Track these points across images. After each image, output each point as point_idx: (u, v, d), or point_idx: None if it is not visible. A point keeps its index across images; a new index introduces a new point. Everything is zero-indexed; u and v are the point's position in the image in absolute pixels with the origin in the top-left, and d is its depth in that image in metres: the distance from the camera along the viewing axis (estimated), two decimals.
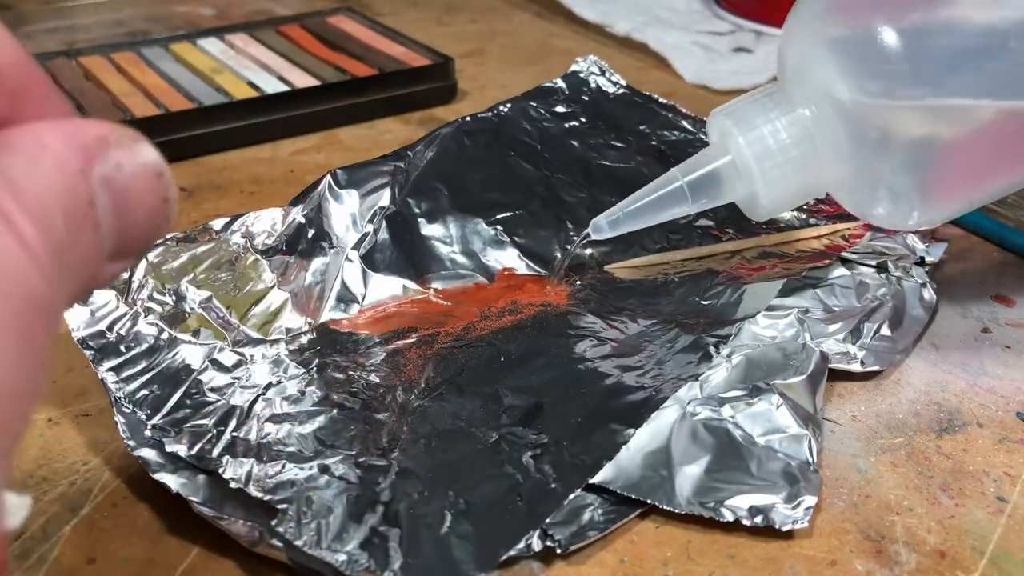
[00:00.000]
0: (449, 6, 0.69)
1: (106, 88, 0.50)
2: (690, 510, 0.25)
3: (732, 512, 0.25)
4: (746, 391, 0.28)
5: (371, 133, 0.49)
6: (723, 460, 0.26)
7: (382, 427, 0.28)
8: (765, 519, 0.25)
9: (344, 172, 0.36)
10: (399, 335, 0.32)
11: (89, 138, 0.15)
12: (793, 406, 0.28)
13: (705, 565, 0.25)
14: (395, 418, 0.28)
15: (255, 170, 0.45)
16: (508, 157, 0.39)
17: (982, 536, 0.26)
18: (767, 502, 0.25)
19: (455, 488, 0.25)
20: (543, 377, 0.30)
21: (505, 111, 0.41)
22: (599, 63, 0.45)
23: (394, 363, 0.31)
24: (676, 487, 0.26)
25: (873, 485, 0.27)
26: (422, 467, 0.26)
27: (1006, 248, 0.39)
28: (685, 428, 0.27)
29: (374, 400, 0.29)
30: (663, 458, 0.26)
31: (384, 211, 0.36)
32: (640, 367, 0.30)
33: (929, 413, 0.30)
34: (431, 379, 0.30)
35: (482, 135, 0.40)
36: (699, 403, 0.28)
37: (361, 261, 0.34)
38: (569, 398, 0.29)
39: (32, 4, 0.67)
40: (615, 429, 0.27)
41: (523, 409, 0.28)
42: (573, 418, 0.28)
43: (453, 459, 0.27)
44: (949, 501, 0.27)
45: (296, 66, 0.53)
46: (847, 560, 0.25)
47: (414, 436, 0.27)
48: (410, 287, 0.34)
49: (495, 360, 0.30)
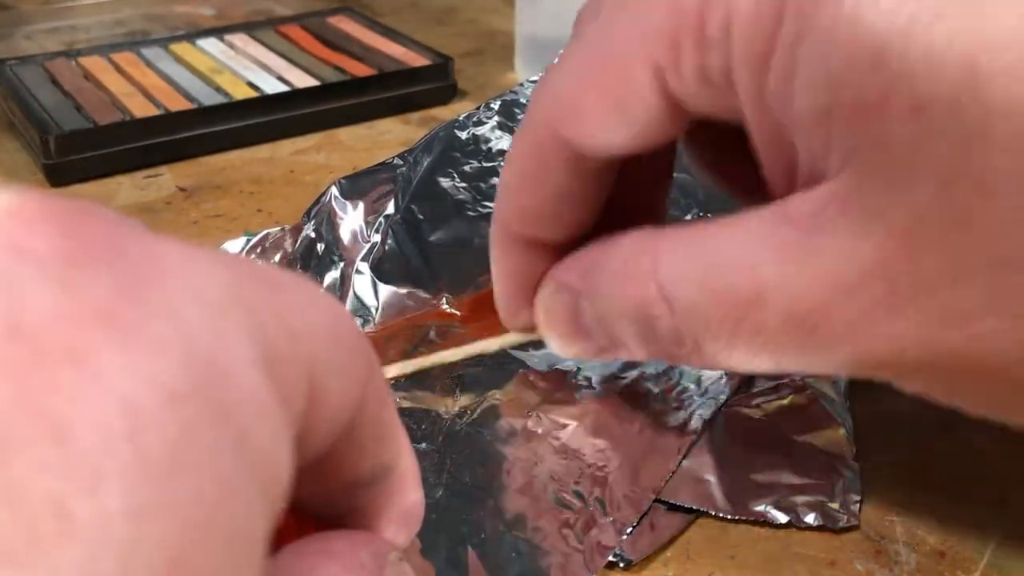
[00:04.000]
0: (449, 6, 0.69)
1: (106, 88, 0.50)
2: (741, 516, 0.25)
3: (784, 514, 0.25)
4: (776, 389, 0.28)
5: (371, 133, 0.49)
6: (762, 460, 0.26)
7: (423, 458, 0.27)
8: (817, 518, 0.25)
9: (348, 182, 0.36)
10: (420, 351, 0.31)
11: (382, 555, 0.15)
12: (824, 401, 0.28)
13: (705, 565, 0.25)
14: (435, 447, 0.27)
15: (255, 170, 0.45)
16: (503, 155, 0.39)
17: (982, 536, 0.25)
18: (815, 500, 0.25)
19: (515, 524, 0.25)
20: (576, 398, 0.29)
21: (496, 108, 0.41)
22: None
23: (421, 384, 0.30)
24: (723, 492, 0.26)
25: (873, 485, 0.27)
26: (473, 502, 0.25)
27: None
28: (721, 430, 0.27)
29: (411, 426, 0.28)
30: (706, 464, 0.27)
31: (390, 220, 0.35)
32: (671, 384, 0.29)
33: (929, 413, 0.30)
34: (462, 400, 0.29)
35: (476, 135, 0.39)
36: (731, 403, 0.28)
37: (371, 272, 0.34)
38: (610, 421, 0.28)
39: (32, 4, 0.67)
40: (661, 451, 0.27)
41: (562, 433, 0.28)
42: (618, 444, 0.27)
43: (500, 486, 0.26)
44: (949, 501, 0.27)
45: (296, 66, 0.53)
46: (847, 560, 0.25)
47: (458, 468, 0.27)
48: (423, 297, 0.34)
49: (523, 377, 0.30)
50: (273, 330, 0.12)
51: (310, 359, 0.12)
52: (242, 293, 0.11)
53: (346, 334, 0.13)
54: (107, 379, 0.09)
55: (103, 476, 0.09)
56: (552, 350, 0.25)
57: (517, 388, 0.29)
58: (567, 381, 0.30)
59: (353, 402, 0.13)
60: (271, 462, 0.11)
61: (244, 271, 0.12)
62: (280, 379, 0.11)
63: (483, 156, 0.38)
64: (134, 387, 0.09)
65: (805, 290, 0.18)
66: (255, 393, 0.11)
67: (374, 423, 0.14)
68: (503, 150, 0.39)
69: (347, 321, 0.14)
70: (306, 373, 0.12)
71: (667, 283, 0.20)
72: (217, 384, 0.10)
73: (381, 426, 0.15)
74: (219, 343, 0.11)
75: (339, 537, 0.15)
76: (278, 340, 0.12)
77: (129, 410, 0.09)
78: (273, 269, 0.13)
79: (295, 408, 0.12)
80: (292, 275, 0.13)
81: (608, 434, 0.28)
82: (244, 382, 0.11)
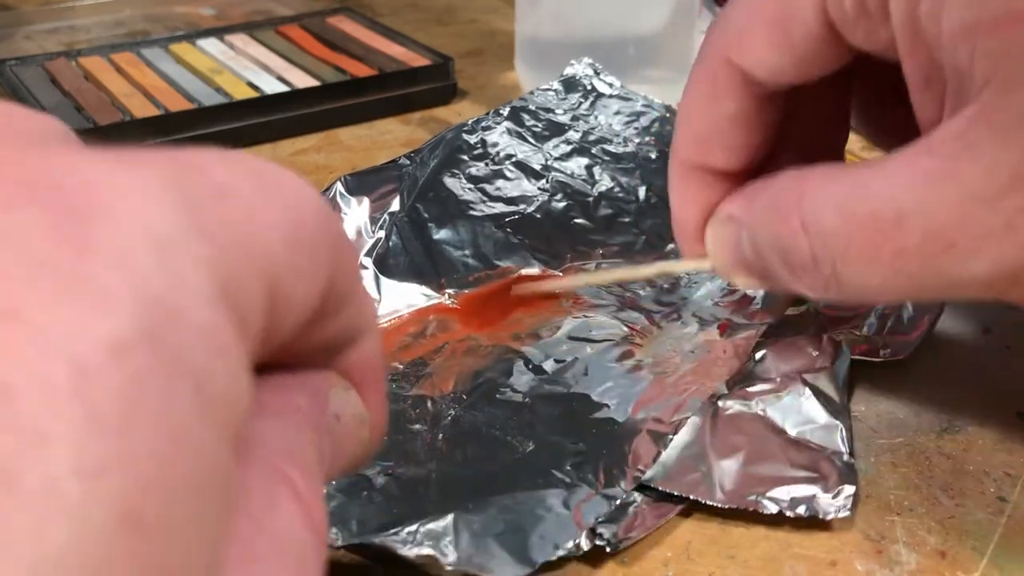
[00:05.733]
0: (449, 6, 0.69)
1: (106, 89, 0.50)
2: (732, 504, 0.25)
3: (775, 504, 0.25)
4: (773, 384, 0.29)
5: (371, 133, 0.49)
6: (759, 453, 0.27)
7: (415, 437, 0.27)
8: (808, 509, 0.25)
9: (354, 178, 0.36)
10: (420, 343, 0.32)
11: (322, 393, 0.15)
12: (821, 397, 0.28)
13: (705, 565, 0.25)
14: (428, 428, 0.28)
15: None
16: (511, 159, 0.39)
17: (982, 536, 0.25)
18: (808, 493, 0.25)
19: (499, 498, 0.25)
20: (571, 384, 0.30)
21: (505, 113, 0.41)
22: (593, 65, 0.45)
23: (419, 372, 0.30)
24: (716, 482, 0.26)
25: (873, 485, 0.27)
26: (463, 479, 0.26)
27: None
28: (718, 423, 0.28)
29: (406, 410, 0.29)
30: (700, 453, 0.27)
31: (394, 217, 0.36)
32: (666, 372, 0.30)
33: (929, 413, 0.30)
34: (459, 388, 0.29)
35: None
36: (728, 397, 0.28)
37: (374, 267, 0.34)
38: (601, 405, 0.29)
39: (32, 4, 0.67)
40: (653, 435, 0.27)
41: (556, 417, 0.28)
42: (608, 426, 0.28)
43: (493, 470, 0.26)
44: (949, 501, 0.27)
45: (296, 66, 0.53)
46: (847, 560, 0.25)
47: (450, 446, 0.27)
48: (425, 293, 0.34)
49: (520, 367, 0.30)
50: (230, 255, 0.11)
51: (270, 272, 0.12)
52: (193, 218, 0.11)
53: (307, 227, 0.13)
54: (50, 336, 0.09)
55: (49, 437, 0.08)
56: (721, 278, 0.28)
57: (515, 376, 0.30)
58: (564, 370, 0.30)
59: (320, 293, 0.13)
60: (230, 400, 0.10)
61: (191, 184, 0.11)
62: (238, 306, 0.11)
63: (490, 159, 0.38)
64: (80, 342, 0.09)
65: (945, 209, 0.19)
66: (212, 333, 0.10)
67: (337, 292, 0.14)
68: (511, 154, 0.39)
69: (305, 208, 0.13)
70: (266, 288, 0.12)
71: (809, 213, 0.22)
72: (171, 330, 0.10)
73: (349, 296, 0.14)
74: (173, 284, 0.10)
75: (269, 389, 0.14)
76: (236, 266, 0.11)
77: (75, 367, 0.09)
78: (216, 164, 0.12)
79: (255, 327, 0.12)
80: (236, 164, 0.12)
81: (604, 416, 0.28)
82: (201, 322, 0.10)
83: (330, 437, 0.15)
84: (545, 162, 0.39)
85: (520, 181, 0.38)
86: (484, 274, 0.35)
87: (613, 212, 0.38)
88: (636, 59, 0.50)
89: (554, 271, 0.36)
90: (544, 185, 0.38)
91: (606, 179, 0.39)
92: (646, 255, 0.37)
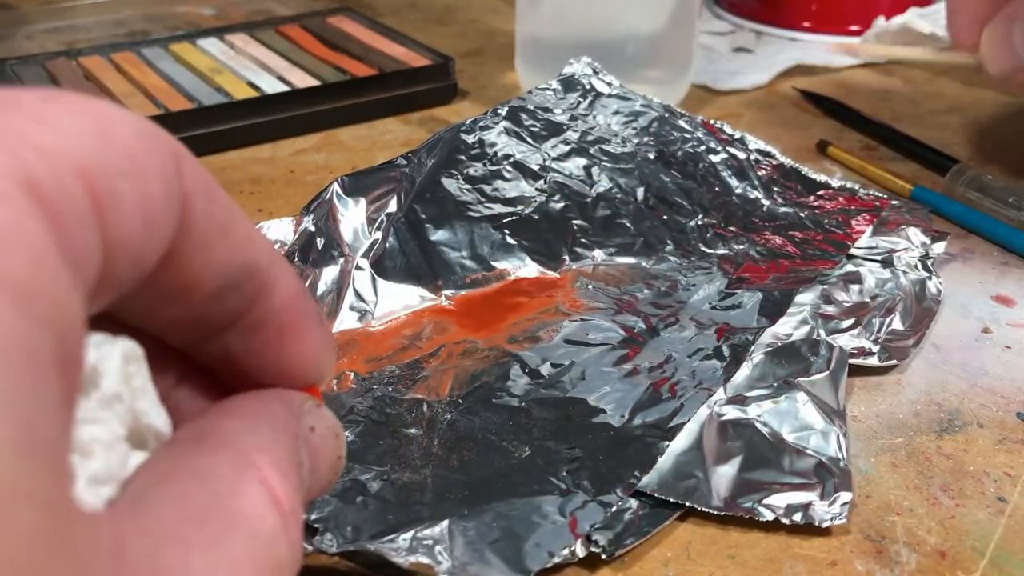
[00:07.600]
0: (449, 6, 0.69)
1: (106, 88, 0.50)
2: (728, 511, 0.25)
3: (771, 511, 0.25)
4: (770, 389, 0.29)
5: (371, 133, 0.49)
6: (755, 459, 0.27)
7: (411, 441, 0.27)
8: (804, 517, 0.25)
9: (351, 179, 0.36)
10: (416, 346, 0.32)
11: (295, 403, 0.16)
12: (818, 403, 0.28)
13: (705, 565, 0.25)
14: (424, 432, 0.28)
15: (255, 170, 0.45)
16: (509, 160, 0.39)
17: (982, 536, 0.25)
18: (804, 500, 0.25)
19: (494, 505, 0.25)
20: (567, 388, 0.29)
21: (503, 113, 0.41)
22: (592, 64, 0.45)
23: (415, 375, 0.30)
24: (712, 488, 0.26)
25: (873, 485, 0.27)
26: (458, 484, 0.26)
27: (1006, 248, 0.39)
28: (714, 429, 0.27)
29: (401, 414, 0.29)
30: (696, 459, 0.27)
31: (391, 218, 0.35)
32: (665, 377, 0.30)
33: (929, 413, 0.30)
34: (455, 392, 0.29)
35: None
36: (724, 403, 0.28)
37: (371, 268, 0.34)
38: (598, 410, 0.29)
39: (32, 4, 0.67)
40: (649, 441, 0.27)
41: (552, 422, 0.28)
42: (605, 432, 0.28)
43: (488, 475, 0.26)
44: (949, 501, 0.27)
45: (296, 66, 0.53)
46: (847, 560, 0.25)
47: (446, 451, 0.27)
48: (422, 294, 0.34)
49: (517, 371, 0.30)
50: (30, 158, 0.11)
51: (83, 168, 0.12)
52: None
53: (123, 135, 0.13)
54: None
55: None
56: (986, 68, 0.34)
57: (512, 380, 0.30)
58: (561, 374, 0.30)
59: (161, 198, 0.13)
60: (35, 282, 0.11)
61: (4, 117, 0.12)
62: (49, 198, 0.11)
63: (488, 160, 0.38)
64: None
65: None
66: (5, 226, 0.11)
67: (208, 217, 0.14)
68: (509, 154, 0.39)
69: (122, 122, 0.13)
70: (84, 185, 0.12)
71: None
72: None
73: (220, 219, 0.15)
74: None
75: (247, 399, 0.16)
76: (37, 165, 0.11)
77: None
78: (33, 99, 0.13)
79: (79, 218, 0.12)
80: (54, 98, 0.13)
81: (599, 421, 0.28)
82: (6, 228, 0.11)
83: (307, 447, 0.16)
84: (543, 162, 0.39)
85: (518, 182, 0.38)
86: (481, 275, 0.35)
87: (611, 213, 0.38)
88: (635, 59, 0.50)
89: (552, 272, 0.36)
90: (542, 186, 0.38)
91: (604, 180, 0.39)
92: (645, 256, 0.37)
